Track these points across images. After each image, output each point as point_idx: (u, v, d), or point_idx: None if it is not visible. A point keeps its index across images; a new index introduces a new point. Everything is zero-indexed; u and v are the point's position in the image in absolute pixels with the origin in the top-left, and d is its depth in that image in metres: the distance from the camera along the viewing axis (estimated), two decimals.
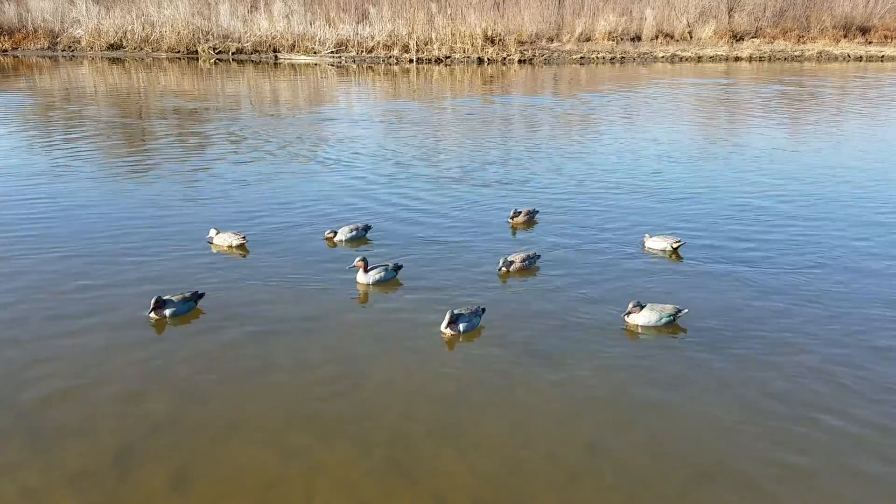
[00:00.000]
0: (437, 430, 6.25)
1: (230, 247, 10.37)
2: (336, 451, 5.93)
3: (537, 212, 12.02)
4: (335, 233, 10.76)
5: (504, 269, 9.46)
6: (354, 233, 10.75)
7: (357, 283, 9.14)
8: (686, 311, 8.12)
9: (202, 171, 15.23)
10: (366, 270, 9.11)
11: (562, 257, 10.30)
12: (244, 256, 10.13)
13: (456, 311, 7.83)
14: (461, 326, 7.78)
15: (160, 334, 7.82)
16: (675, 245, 10.39)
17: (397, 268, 9.29)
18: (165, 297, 8.13)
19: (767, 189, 14.38)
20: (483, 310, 8.11)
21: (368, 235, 10.97)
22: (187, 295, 8.30)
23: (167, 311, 8.07)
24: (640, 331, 8.07)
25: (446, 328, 7.79)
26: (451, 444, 6.05)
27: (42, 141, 18.08)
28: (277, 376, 7.02)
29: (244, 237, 10.42)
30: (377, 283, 9.11)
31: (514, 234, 11.35)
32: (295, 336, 7.81)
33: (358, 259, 9.13)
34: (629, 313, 8.11)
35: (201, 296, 8.45)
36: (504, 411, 6.54)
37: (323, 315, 8.34)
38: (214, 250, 10.36)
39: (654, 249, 10.49)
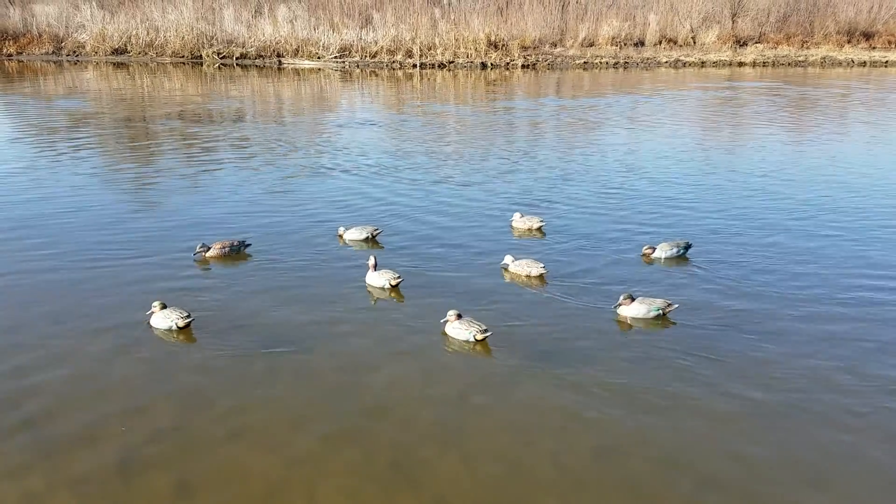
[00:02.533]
0: (440, 435, 6.22)
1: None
2: (339, 456, 5.90)
3: (543, 223, 11.53)
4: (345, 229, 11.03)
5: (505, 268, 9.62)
6: (365, 234, 10.93)
7: (366, 282, 9.22)
8: (676, 305, 8.15)
9: (205, 175, 15.24)
10: (374, 269, 9.19)
11: (565, 261, 10.27)
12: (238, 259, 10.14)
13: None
14: (461, 330, 7.72)
15: (163, 340, 7.81)
16: (681, 248, 10.39)
17: (398, 279, 9.11)
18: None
19: (772, 193, 14.34)
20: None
21: (377, 239, 11.02)
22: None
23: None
24: (629, 322, 8.26)
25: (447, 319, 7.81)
26: (455, 450, 6.02)
27: (45, 143, 18.12)
28: (280, 382, 7.00)
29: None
30: (382, 287, 9.12)
31: (518, 237, 11.34)
32: (297, 341, 7.78)
33: (371, 258, 9.27)
34: (620, 305, 8.32)
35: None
36: (508, 416, 6.51)
37: (326, 319, 8.32)
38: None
39: (661, 258, 10.38)
